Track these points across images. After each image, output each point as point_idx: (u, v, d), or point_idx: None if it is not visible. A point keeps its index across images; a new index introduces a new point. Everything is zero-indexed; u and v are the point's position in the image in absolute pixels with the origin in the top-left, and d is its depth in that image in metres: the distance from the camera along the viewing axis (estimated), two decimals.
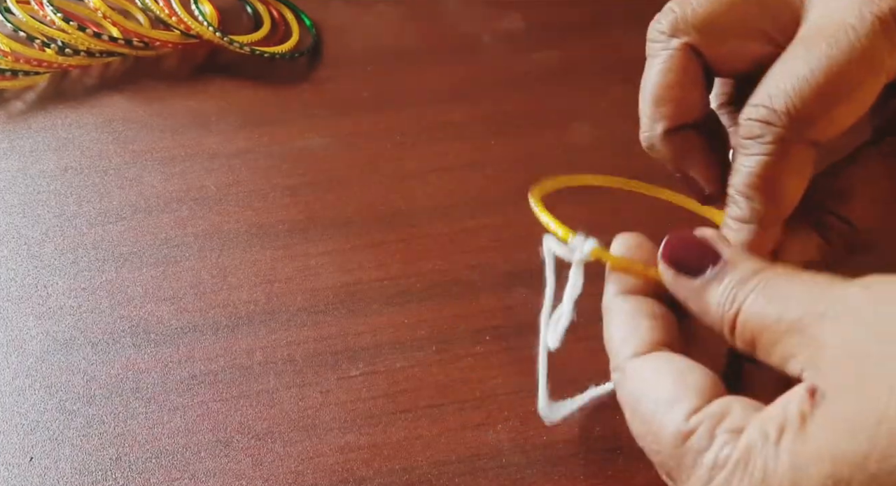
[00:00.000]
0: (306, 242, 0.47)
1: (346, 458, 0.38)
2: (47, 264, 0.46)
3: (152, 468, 0.38)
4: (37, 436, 0.39)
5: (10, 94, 0.54)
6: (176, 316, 0.43)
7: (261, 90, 0.55)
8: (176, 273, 0.45)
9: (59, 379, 0.41)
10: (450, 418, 0.40)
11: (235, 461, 0.38)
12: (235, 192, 0.49)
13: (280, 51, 0.56)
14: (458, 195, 0.49)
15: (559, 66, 0.56)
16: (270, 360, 0.42)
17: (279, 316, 0.43)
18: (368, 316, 0.43)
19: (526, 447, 0.38)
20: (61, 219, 0.48)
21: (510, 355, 0.41)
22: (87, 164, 0.51)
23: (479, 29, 0.58)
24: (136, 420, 0.40)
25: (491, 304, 0.44)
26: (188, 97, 0.54)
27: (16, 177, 0.50)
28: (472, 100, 0.54)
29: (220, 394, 0.41)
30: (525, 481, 0.38)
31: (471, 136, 0.52)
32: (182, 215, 0.48)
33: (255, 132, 0.52)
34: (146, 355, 0.42)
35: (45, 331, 0.43)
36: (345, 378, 0.41)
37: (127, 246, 0.46)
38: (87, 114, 0.53)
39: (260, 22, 0.59)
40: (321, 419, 0.40)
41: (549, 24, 0.59)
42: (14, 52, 0.53)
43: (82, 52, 0.54)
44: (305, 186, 0.49)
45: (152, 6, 0.56)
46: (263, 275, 0.45)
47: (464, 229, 0.47)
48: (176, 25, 0.55)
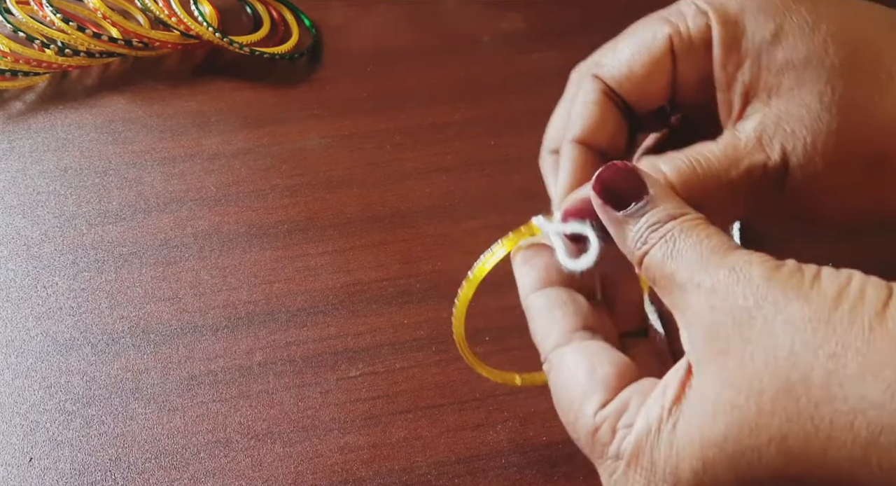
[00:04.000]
0: (306, 242, 0.47)
1: (346, 458, 0.38)
2: (47, 264, 0.46)
3: (152, 468, 0.38)
4: (36, 437, 0.39)
5: (10, 94, 0.54)
6: (176, 316, 0.43)
7: (261, 90, 0.55)
8: (176, 273, 0.45)
9: (58, 380, 0.41)
10: (449, 418, 0.40)
11: (235, 461, 0.38)
12: (235, 192, 0.49)
13: (280, 51, 0.56)
14: (458, 195, 0.49)
15: (559, 66, 0.56)
16: (270, 360, 0.42)
17: (279, 316, 0.43)
18: (368, 316, 0.43)
19: (526, 448, 0.38)
20: (61, 219, 0.48)
21: (510, 356, 0.41)
22: (86, 164, 0.51)
23: (479, 29, 0.58)
24: (136, 421, 0.40)
25: (491, 304, 0.44)
26: (188, 97, 0.54)
27: (16, 177, 0.50)
28: (472, 100, 0.54)
29: (220, 394, 0.41)
30: (525, 481, 0.38)
31: (471, 136, 0.52)
32: (182, 215, 0.48)
33: (255, 132, 0.52)
34: (146, 355, 0.42)
35: (45, 331, 0.43)
36: (344, 379, 0.41)
37: (127, 246, 0.46)
38: (86, 114, 0.53)
39: (260, 22, 0.59)
40: (321, 419, 0.40)
41: (549, 24, 0.59)
42: (14, 52, 0.53)
43: (82, 53, 0.54)
44: (305, 186, 0.49)
45: (152, 7, 0.56)
46: (263, 275, 0.45)
47: (464, 229, 0.47)
48: (175, 26, 0.55)
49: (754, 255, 0.26)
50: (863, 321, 0.23)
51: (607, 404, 0.28)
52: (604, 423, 0.27)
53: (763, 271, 0.25)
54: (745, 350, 0.24)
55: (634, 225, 0.28)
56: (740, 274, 0.25)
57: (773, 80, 0.30)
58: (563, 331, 0.30)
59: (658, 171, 0.30)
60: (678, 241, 0.27)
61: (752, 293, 0.25)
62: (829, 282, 0.24)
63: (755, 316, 0.24)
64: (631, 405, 0.27)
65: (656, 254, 0.27)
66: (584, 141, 0.32)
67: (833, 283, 0.24)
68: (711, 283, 0.25)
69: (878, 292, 0.24)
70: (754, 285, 0.25)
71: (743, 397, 0.24)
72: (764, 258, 0.25)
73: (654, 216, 0.28)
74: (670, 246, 0.27)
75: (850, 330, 0.23)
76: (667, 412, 0.26)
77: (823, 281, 0.24)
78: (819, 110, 0.29)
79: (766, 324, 0.24)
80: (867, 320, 0.23)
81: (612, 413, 0.27)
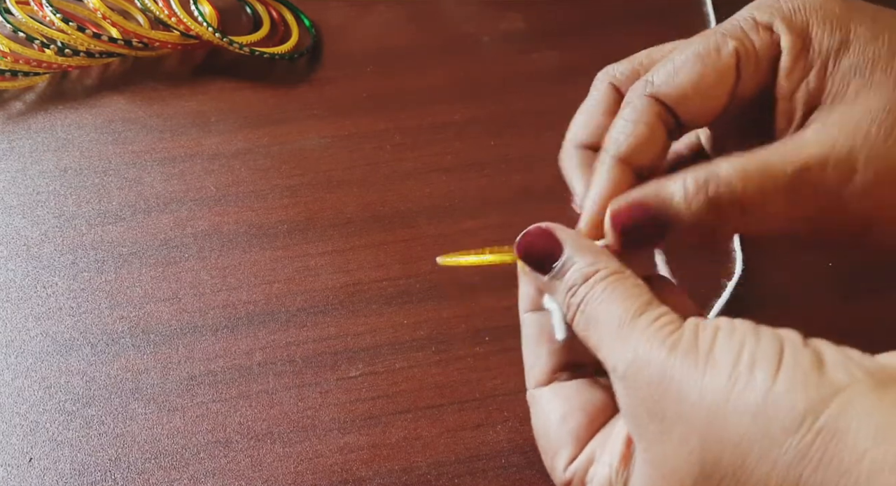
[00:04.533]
0: (306, 242, 0.47)
1: (346, 458, 0.38)
2: (47, 264, 0.46)
3: (152, 468, 0.38)
4: (36, 437, 0.39)
5: (10, 94, 0.54)
6: (176, 316, 0.43)
7: (261, 90, 0.55)
8: (176, 273, 0.45)
9: (58, 380, 0.41)
10: (449, 418, 0.40)
11: (235, 461, 0.38)
12: (235, 192, 0.49)
13: (280, 51, 0.56)
14: (458, 195, 0.49)
15: (559, 66, 0.56)
16: (270, 360, 0.42)
17: (279, 316, 0.43)
18: (368, 316, 0.43)
19: (525, 448, 0.38)
20: (61, 219, 0.48)
21: (510, 356, 0.41)
22: (86, 164, 0.51)
23: (479, 29, 0.58)
24: (136, 421, 0.40)
25: (491, 304, 0.44)
26: (188, 97, 0.54)
27: (16, 177, 0.50)
28: (472, 100, 0.54)
29: (220, 394, 0.41)
30: (525, 481, 0.38)
31: (471, 136, 0.52)
32: (182, 215, 0.48)
33: (255, 132, 0.52)
34: (146, 355, 0.42)
35: (45, 331, 0.43)
36: (344, 379, 0.41)
37: (127, 246, 0.46)
38: (86, 114, 0.53)
39: (259, 22, 0.59)
40: (321, 419, 0.40)
41: (549, 24, 0.59)
42: (14, 52, 0.53)
43: (82, 53, 0.54)
44: (305, 187, 0.49)
45: (152, 7, 0.55)
46: (263, 275, 0.45)
47: (464, 229, 0.47)
48: (175, 26, 0.55)
49: (652, 329, 0.26)
50: (756, 391, 0.24)
51: (575, 458, 0.30)
52: (574, 478, 0.30)
53: (662, 355, 0.26)
54: (662, 438, 0.25)
55: (559, 285, 0.29)
56: (641, 362, 0.26)
57: (838, 87, 0.30)
58: (545, 371, 0.32)
59: (724, 171, 0.30)
60: (592, 309, 0.28)
61: (656, 383, 0.25)
62: (722, 354, 0.25)
63: (664, 406, 0.25)
64: (597, 461, 0.29)
65: (579, 323, 0.29)
66: (627, 160, 0.32)
67: (726, 354, 0.25)
68: (623, 369, 0.26)
69: (768, 352, 0.24)
70: (657, 374, 0.25)
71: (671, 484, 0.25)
72: (662, 333, 0.26)
73: (570, 279, 0.29)
74: (586, 317, 0.28)
75: (747, 402, 0.24)
76: (616, 475, 0.28)
77: (717, 353, 0.25)
78: (884, 115, 0.29)
79: (675, 411, 0.25)
80: (760, 390, 0.24)
81: (580, 468, 0.29)
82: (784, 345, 0.25)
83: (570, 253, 0.29)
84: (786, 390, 0.23)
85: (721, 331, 0.26)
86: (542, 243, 0.30)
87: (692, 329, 0.26)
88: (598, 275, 0.28)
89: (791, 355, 0.24)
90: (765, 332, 0.25)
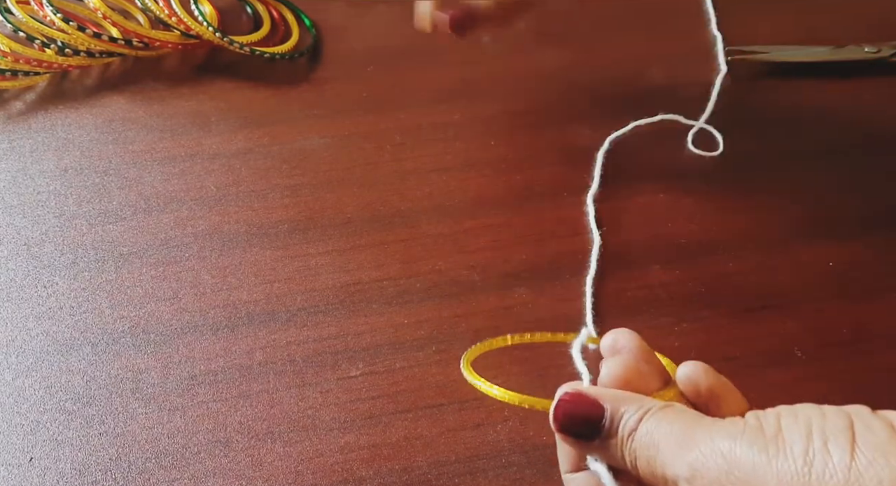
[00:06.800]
0: (306, 242, 0.47)
1: (346, 458, 0.38)
2: (47, 264, 0.46)
3: (152, 468, 0.38)
4: (37, 436, 0.39)
5: (10, 94, 0.54)
6: (176, 316, 0.43)
7: (261, 90, 0.55)
8: (176, 273, 0.45)
9: (58, 379, 0.41)
10: (450, 418, 0.40)
11: (235, 461, 0.38)
12: (235, 192, 0.49)
13: (280, 51, 0.56)
14: (458, 195, 0.49)
15: (559, 66, 0.56)
16: (270, 360, 0.42)
17: (279, 316, 0.43)
18: (368, 316, 0.43)
19: (526, 447, 0.38)
20: (61, 219, 0.48)
21: (510, 356, 0.41)
22: (87, 164, 0.51)
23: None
24: (136, 421, 0.40)
25: (491, 304, 0.44)
26: (188, 97, 0.54)
27: (16, 177, 0.50)
28: (472, 100, 0.54)
29: (220, 394, 0.41)
30: (525, 481, 0.38)
31: (471, 136, 0.52)
32: (182, 215, 0.48)
33: (255, 132, 0.52)
34: (146, 355, 0.42)
35: (45, 331, 0.43)
36: (344, 378, 0.41)
37: (127, 246, 0.46)
38: (87, 114, 0.53)
39: (260, 22, 0.59)
40: (321, 419, 0.40)
41: (550, 25, 0.59)
42: (14, 52, 0.53)
43: (82, 53, 0.54)
44: (305, 186, 0.49)
45: (152, 6, 0.56)
46: (263, 275, 0.45)
47: (464, 229, 0.47)
48: (176, 26, 0.55)
49: (715, 427, 0.26)
50: (836, 469, 0.23)
51: None
52: None
53: (727, 445, 0.25)
54: None
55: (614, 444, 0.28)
56: (706, 457, 0.25)
57: None
58: None
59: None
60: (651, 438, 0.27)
61: (725, 474, 0.24)
62: (791, 435, 0.24)
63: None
64: None
65: (641, 459, 0.27)
66: None
67: (795, 435, 0.24)
68: (688, 471, 0.25)
69: (838, 425, 0.24)
70: (724, 465, 0.25)
71: None
72: (724, 425, 0.25)
73: (627, 427, 0.27)
74: (646, 449, 0.27)
75: (829, 483, 0.23)
76: None
77: (786, 435, 0.24)
78: None
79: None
80: (840, 468, 0.23)
81: None
82: (853, 418, 0.24)
83: (615, 407, 0.28)
84: (867, 464, 0.23)
85: (784, 413, 0.25)
86: (581, 409, 0.28)
87: (753, 417, 0.25)
88: (649, 413, 0.27)
89: (863, 427, 0.24)
90: (829, 408, 0.25)
